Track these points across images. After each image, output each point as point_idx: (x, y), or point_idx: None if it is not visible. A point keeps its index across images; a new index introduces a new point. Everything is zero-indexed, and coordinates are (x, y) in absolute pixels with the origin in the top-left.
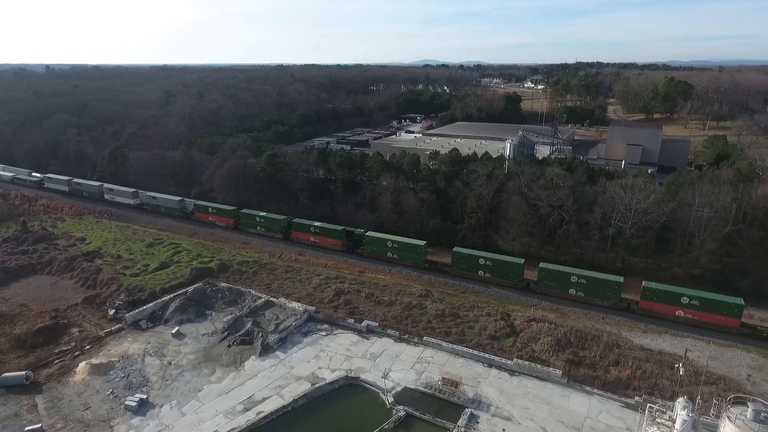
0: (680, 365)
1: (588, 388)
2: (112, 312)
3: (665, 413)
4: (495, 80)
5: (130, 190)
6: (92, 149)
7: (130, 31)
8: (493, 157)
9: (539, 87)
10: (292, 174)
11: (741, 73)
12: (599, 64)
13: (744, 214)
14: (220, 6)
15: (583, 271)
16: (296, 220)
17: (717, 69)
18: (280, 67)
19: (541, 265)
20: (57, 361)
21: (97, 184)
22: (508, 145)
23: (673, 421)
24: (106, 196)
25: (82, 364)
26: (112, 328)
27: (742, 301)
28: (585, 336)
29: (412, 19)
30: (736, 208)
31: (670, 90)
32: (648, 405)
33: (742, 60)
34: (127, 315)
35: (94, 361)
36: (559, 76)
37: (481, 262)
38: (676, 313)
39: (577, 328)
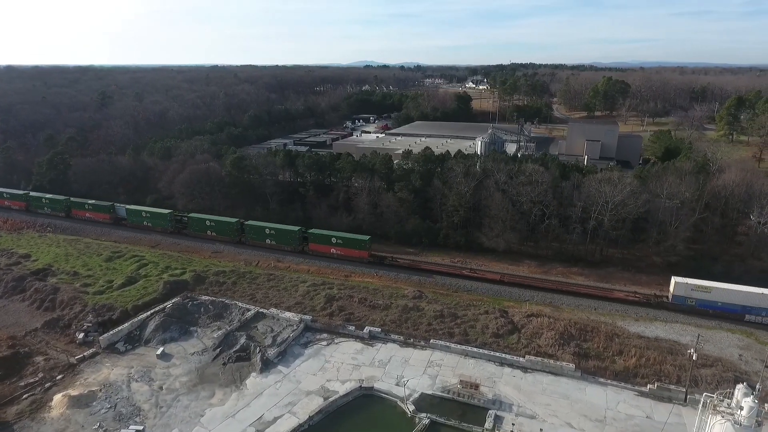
0: (693, 351)
1: (601, 380)
2: (81, 335)
3: (723, 401)
4: (437, 80)
5: None
6: (23, 157)
7: (41, 31)
8: (458, 155)
9: (481, 87)
10: (259, 177)
11: (660, 74)
12: (533, 65)
13: (706, 204)
14: (139, 5)
15: (272, 224)
16: (73, 199)
17: (639, 69)
18: (216, 68)
19: (246, 222)
20: (26, 395)
21: None
22: (479, 142)
23: (734, 409)
24: None
25: (57, 397)
26: (85, 354)
27: (368, 238)
28: (584, 328)
29: (348, 20)
30: (699, 198)
31: (609, 89)
32: (704, 395)
33: (658, 62)
34: (100, 338)
35: (72, 392)
36: (504, 77)
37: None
38: (331, 251)
39: (575, 321)
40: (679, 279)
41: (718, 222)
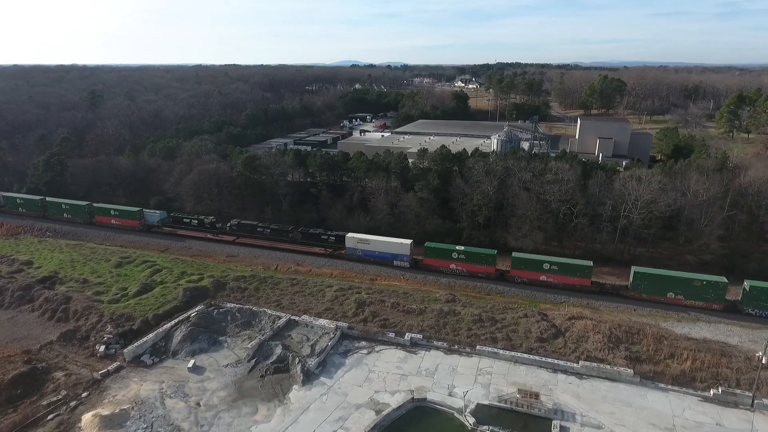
0: (762, 354)
1: (661, 385)
2: (102, 348)
3: None
4: (425, 80)
5: None
6: (14, 158)
7: (18, 30)
8: (476, 153)
9: (470, 86)
10: (270, 178)
11: (646, 73)
12: (519, 65)
13: (732, 202)
14: (120, 5)
15: (67, 200)
16: None
17: (623, 68)
18: (200, 67)
19: (47, 199)
20: (51, 415)
21: None
22: (495, 140)
23: None
24: None
25: (87, 417)
26: (109, 368)
27: (138, 209)
28: (630, 330)
29: (332, 20)
30: (725, 195)
31: (605, 87)
32: None
33: (640, 62)
34: (124, 350)
35: (103, 411)
36: (500, 76)
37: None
38: (111, 221)
39: (619, 323)
40: (349, 234)
41: (745, 219)
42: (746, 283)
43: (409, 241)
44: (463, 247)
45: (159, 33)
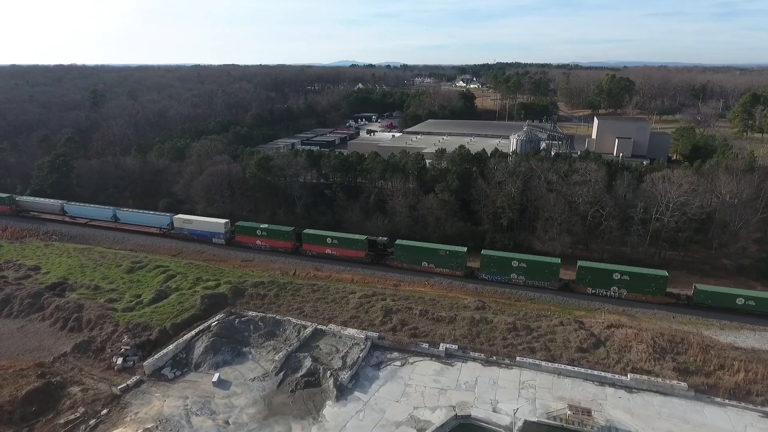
0: None
1: (717, 400)
2: (119, 360)
3: None
4: (426, 80)
5: None
6: (16, 159)
7: (13, 30)
8: (496, 154)
9: (471, 86)
10: (284, 179)
11: (650, 73)
12: (518, 65)
13: (767, 203)
14: (115, 4)
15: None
16: None
17: (622, 69)
18: (197, 67)
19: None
20: None
21: None
22: (515, 140)
23: None
24: None
25: None
26: (129, 383)
27: (7, 195)
28: (673, 339)
29: (329, 20)
30: (757, 197)
31: (613, 86)
32: None
33: (635, 62)
34: (144, 363)
35: (126, 430)
36: (507, 76)
37: None
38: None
39: (661, 331)
40: (177, 216)
41: None
42: (482, 252)
43: (223, 221)
44: (266, 225)
45: (158, 33)
